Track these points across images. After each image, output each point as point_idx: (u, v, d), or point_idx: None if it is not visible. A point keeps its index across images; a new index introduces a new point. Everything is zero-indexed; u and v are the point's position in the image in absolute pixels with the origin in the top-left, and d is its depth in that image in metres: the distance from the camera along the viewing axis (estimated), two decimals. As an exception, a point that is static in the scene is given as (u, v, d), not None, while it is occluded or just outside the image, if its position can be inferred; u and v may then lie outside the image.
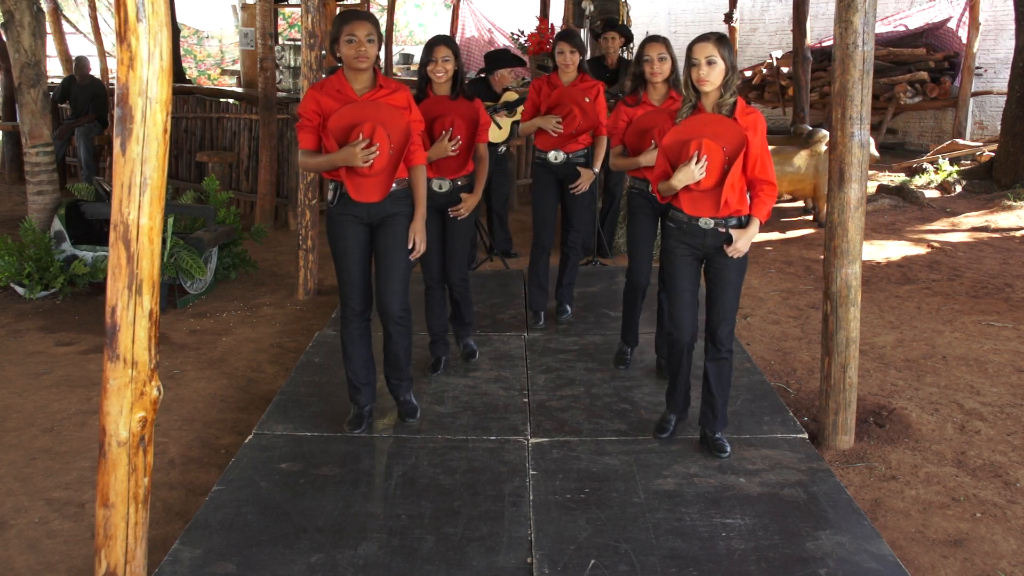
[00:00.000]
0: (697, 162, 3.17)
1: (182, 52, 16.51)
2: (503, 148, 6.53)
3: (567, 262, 5.00)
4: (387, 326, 3.62)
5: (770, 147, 8.21)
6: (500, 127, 6.24)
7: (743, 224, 3.28)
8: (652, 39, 4.00)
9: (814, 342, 4.91)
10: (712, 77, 3.16)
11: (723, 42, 3.17)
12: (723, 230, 3.28)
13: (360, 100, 3.38)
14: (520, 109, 6.12)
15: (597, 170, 4.84)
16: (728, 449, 3.45)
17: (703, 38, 3.20)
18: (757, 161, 3.21)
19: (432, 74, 3.98)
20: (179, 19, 14.16)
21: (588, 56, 6.66)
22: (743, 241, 3.26)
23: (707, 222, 3.28)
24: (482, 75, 6.28)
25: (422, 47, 4.09)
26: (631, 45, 7.22)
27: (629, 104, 4.08)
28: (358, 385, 3.65)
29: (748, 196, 3.29)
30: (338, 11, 10.81)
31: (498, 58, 6.14)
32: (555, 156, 4.77)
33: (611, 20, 6.66)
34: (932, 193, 9.60)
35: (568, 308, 5.06)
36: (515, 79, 9.83)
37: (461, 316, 4.46)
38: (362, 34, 3.31)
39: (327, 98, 3.39)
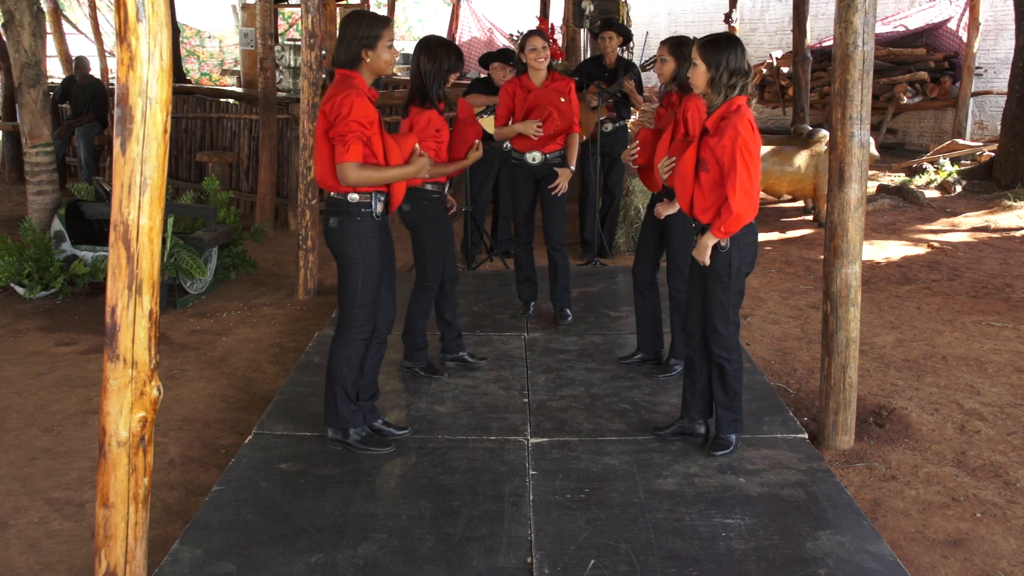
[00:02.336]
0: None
1: (185, 53, 16.53)
2: (507, 145, 6.54)
3: (557, 265, 4.98)
4: (380, 338, 3.54)
5: (770, 147, 8.26)
6: None
7: (703, 232, 3.31)
8: (662, 42, 4.14)
9: (814, 342, 4.91)
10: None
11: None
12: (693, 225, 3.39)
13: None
14: None
15: (573, 168, 4.90)
16: (723, 450, 3.42)
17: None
18: (729, 174, 3.16)
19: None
20: (179, 19, 14.16)
21: (588, 55, 6.68)
22: (695, 251, 3.30)
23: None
24: (483, 76, 6.37)
25: (415, 44, 4.07)
26: (631, 44, 7.21)
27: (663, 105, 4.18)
28: (358, 404, 3.48)
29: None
30: (338, 11, 10.82)
31: (488, 55, 6.28)
32: (533, 157, 4.84)
33: (609, 20, 6.68)
34: (932, 193, 9.60)
35: (568, 312, 5.06)
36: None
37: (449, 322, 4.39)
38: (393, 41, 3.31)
39: (371, 104, 3.21)
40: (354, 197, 3.27)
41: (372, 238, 3.31)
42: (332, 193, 3.31)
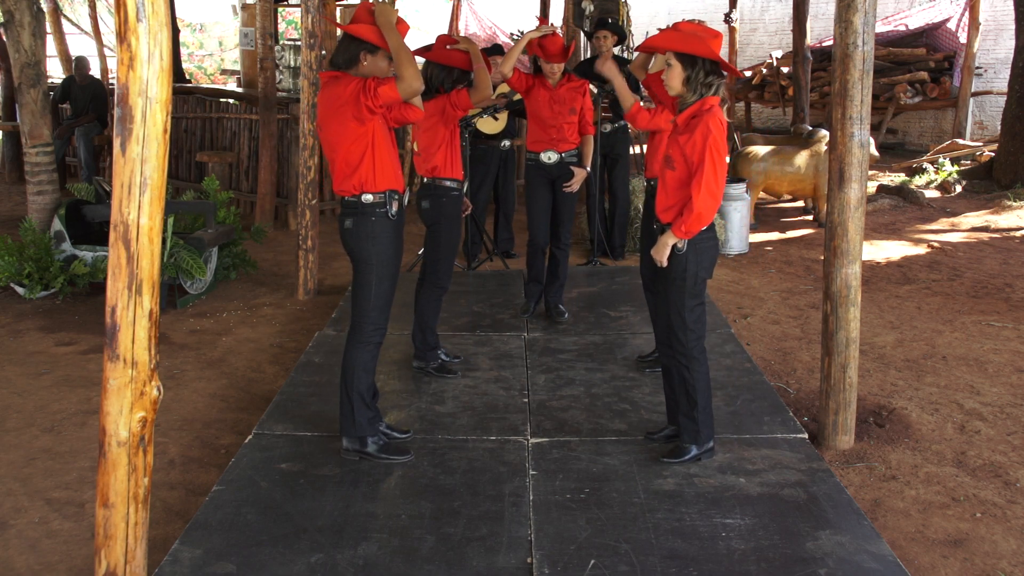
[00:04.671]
0: None
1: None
2: (507, 143, 6.54)
3: (559, 264, 5.02)
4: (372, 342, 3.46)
5: (770, 147, 8.24)
6: (496, 119, 6.28)
7: (663, 231, 3.29)
8: None
9: (814, 342, 4.91)
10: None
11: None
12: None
13: None
14: (515, 97, 6.17)
15: (588, 169, 4.91)
16: (676, 458, 3.36)
17: None
18: (696, 172, 3.13)
19: None
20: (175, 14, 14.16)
21: (589, 55, 6.68)
22: (654, 250, 3.29)
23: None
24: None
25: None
26: (629, 44, 7.22)
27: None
28: (372, 408, 3.44)
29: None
30: (338, 11, 10.82)
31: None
32: (548, 157, 4.84)
33: (602, 19, 6.68)
34: (932, 193, 9.60)
35: (563, 309, 5.08)
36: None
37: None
38: None
39: None
40: (368, 198, 3.26)
41: (387, 239, 3.30)
42: (346, 196, 3.30)
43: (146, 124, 2.14)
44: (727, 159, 3.22)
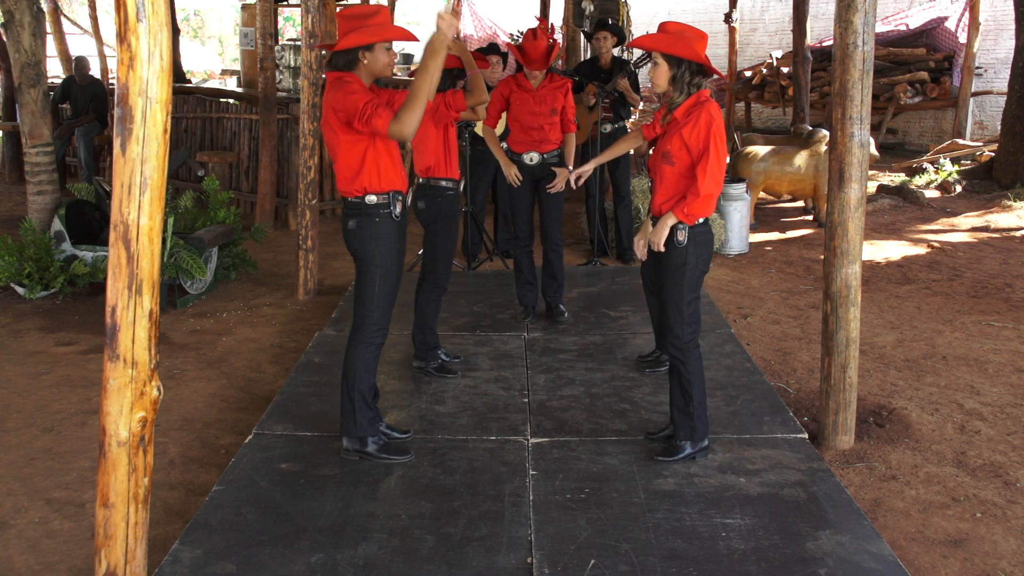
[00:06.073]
0: None
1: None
2: (506, 145, 6.54)
3: (552, 264, 5.02)
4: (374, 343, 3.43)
5: (770, 147, 8.23)
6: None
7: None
8: None
9: (814, 342, 4.91)
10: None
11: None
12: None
13: None
14: None
15: (572, 167, 4.91)
16: (670, 456, 3.37)
17: None
18: (701, 158, 3.19)
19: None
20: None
21: (588, 55, 6.68)
22: (652, 233, 3.30)
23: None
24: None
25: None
26: (626, 44, 7.23)
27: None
28: (372, 409, 3.44)
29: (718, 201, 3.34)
30: (338, 11, 10.85)
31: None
32: (530, 158, 4.86)
33: (602, 20, 6.68)
34: (932, 193, 9.60)
35: (563, 309, 5.07)
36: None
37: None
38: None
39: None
40: (372, 199, 3.26)
41: (391, 239, 3.30)
42: (350, 196, 3.30)
43: (146, 124, 2.14)
44: (727, 158, 3.26)
